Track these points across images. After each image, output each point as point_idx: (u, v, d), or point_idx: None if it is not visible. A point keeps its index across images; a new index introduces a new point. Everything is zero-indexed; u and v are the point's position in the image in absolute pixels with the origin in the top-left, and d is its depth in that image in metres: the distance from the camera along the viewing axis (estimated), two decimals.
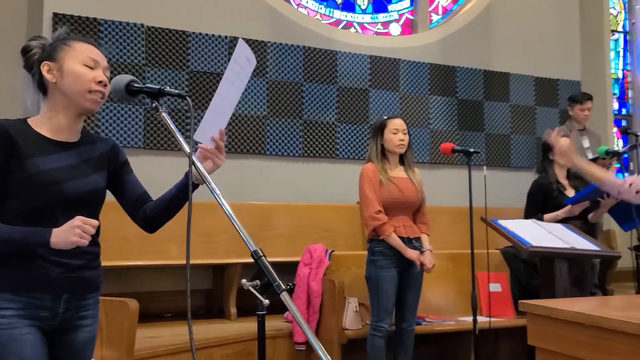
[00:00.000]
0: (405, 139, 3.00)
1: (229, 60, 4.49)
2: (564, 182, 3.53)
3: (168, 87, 1.46)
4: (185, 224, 1.25)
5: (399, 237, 2.95)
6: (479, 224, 4.86)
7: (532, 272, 3.95)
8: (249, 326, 3.64)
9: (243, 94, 4.94)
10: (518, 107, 5.63)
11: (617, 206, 3.18)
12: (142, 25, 4.40)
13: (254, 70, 5.40)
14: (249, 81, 4.84)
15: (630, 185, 2.26)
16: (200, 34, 4.57)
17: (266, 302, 1.24)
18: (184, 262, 1.18)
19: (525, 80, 5.66)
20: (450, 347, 3.62)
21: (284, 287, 1.14)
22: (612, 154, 3.29)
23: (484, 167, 2.69)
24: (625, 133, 3.83)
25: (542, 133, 5.63)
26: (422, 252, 2.99)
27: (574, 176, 3.59)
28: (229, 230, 4.34)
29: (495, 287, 3.88)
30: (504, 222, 2.86)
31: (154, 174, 5.18)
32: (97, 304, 1.63)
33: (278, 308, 4.14)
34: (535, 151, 5.58)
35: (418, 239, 3.03)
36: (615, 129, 6.31)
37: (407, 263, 2.97)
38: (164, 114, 1.44)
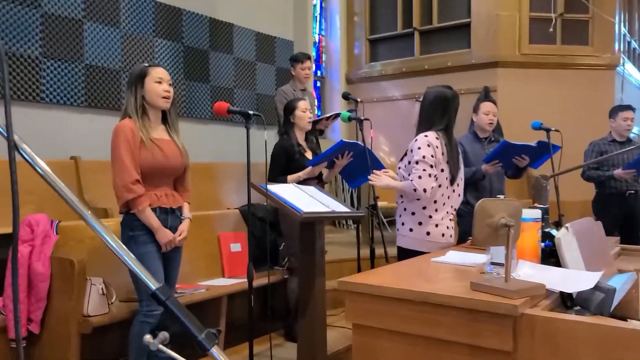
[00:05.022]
0: (171, 92, 2.59)
1: None
2: (304, 144, 3.67)
3: None
4: None
5: (162, 207, 2.58)
6: (205, 183, 4.73)
7: (268, 229, 4.09)
8: None
9: None
10: (241, 61, 5.60)
11: (346, 167, 3.52)
12: None
13: None
14: None
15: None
16: None
17: None
18: None
19: (247, 33, 5.64)
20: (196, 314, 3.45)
21: (215, 341, 0.79)
22: (353, 119, 3.51)
23: (264, 126, 2.53)
24: (346, 98, 4.19)
25: (261, 89, 5.77)
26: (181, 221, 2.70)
27: (310, 139, 3.77)
28: None
29: (235, 247, 3.85)
30: (273, 188, 2.78)
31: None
32: None
33: None
34: (254, 107, 5.69)
35: (180, 209, 2.71)
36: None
37: (172, 232, 2.62)
38: None
